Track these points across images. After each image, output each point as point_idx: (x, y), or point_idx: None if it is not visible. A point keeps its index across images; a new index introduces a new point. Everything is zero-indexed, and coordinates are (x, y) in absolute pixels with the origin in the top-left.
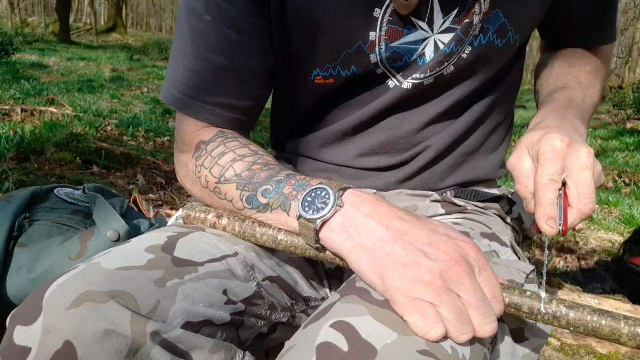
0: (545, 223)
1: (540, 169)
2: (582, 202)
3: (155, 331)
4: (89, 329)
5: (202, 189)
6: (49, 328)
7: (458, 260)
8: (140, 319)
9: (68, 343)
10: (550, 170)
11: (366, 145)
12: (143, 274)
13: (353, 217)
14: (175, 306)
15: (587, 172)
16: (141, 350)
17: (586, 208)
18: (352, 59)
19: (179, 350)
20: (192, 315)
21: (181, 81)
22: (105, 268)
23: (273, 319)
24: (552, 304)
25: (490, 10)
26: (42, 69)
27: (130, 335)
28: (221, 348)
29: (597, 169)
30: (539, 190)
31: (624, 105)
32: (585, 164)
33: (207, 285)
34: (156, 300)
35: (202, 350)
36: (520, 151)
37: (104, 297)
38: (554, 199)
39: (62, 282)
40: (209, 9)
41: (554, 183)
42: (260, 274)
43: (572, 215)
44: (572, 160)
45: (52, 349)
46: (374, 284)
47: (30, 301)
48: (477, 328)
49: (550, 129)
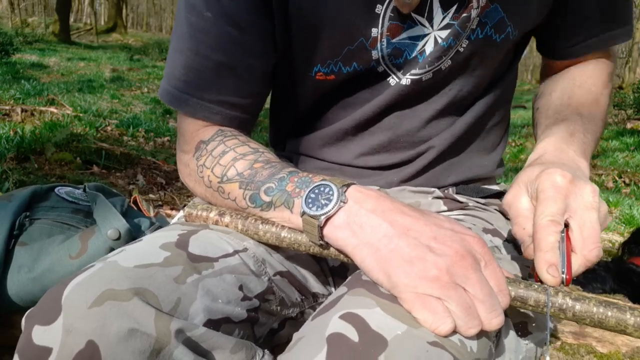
0: (546, 271)
1: (539, 208)
2: (587, 248)
3: (179, 329)
4: (112, 328)
5: (206, 189)
6: (70, 327)
7: (463, 255)
8: (164, 316)
9: (91, 343)
10: (551, 210)
11: (367, 145)
12: (162, 271)
13: (357, 214)
14: (196, 302)
15: (592, 213)
16: (164, 350)
17: (591, 254)
18: (353, 55)
19: (202, 349)
20: (212, 312)
21: (178, 78)
22: (123, 266)
23: (283, 314)
24: (558, 296)
25: (489, 4)
26: (42, 69)
27: (154, 334)
28: (242, 347)
29: (602, 209)
30: (538, 233)
31: (624, 105)
32: (590, 203)
33: (224, 281)
34: (177, 297)
35: (224, 350)
36: (518, 188)
37: (126, 294)
38: (556, 243)
39: (81, 281)
40: (209, 5)
41: (555, 224)
42: (271, 269)
43: (576, 262)
44: (575, 199)
45: (74, 349)
46: (380, 281)
47: (47, 300)
48: (484, 321)
49: (550, 165)
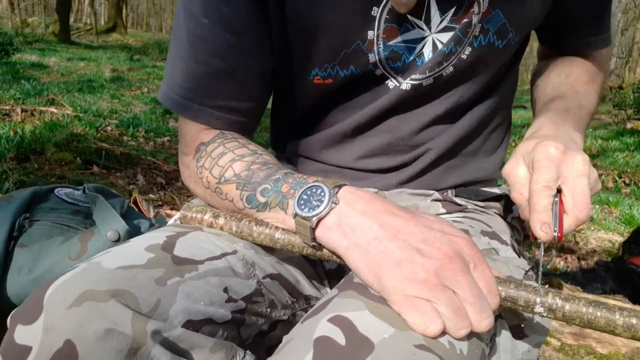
0: (540, 228)
1: (534, 176)
2: (578, 209)
3: (155, 330)
4: (89, 327)
5: (204, 190)
6: (50, 327)
7: (452, 257)
8: (141, 317)
9: (69, 342)
10: (545, 177)
11: (366, 147)
12: (143, 272)
13: (347, 215)
14: (176, 305)
15: (582, 179)
16: (141, 349)
17: (582, 214)
18: (350, 59)
19: (180, 349)
20: (192, 314)
21: (179, 84)
22: (105, 267)
23: (273, 316)
24: (548, 296)
25: (490, 10)
26: (42, 69)
27: (131, 334)
28: (222, 347)
29: (592, 176)
30: (533, 197)
31: (624, 105)
32: (580, 170)
33: (208, 283)
34: (157, 298)
35: (203, 349)
36: (515, 159)
37: (104, 296)
38: (548, 205)
39: (63, 282)
40: (207, 12)
41: (548, 189)
42: (261, 272)
43: (567, 222)
44: (567, 167)
45: (52, 347)
46: (370, 283)
47: (30, 300)
48: (474, 323)
49: (545, 137)
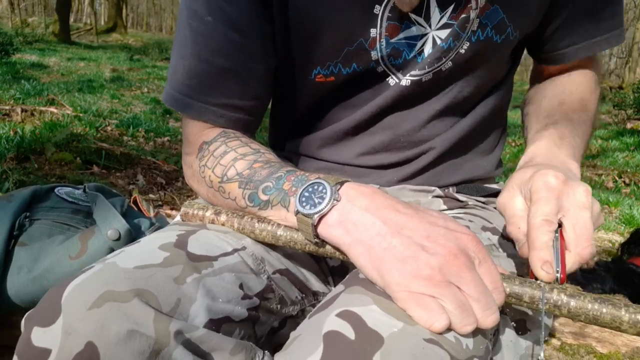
0: (541, 268)
1: (533, 209)
2: (581, 245)
3: (178, 330)
4: (111, 329)
5: (207, 189)
6: (69, 329)
7: (457, 254)
8: (164, 317)
9: (90, 344)
10: (545, 210)
11: (367, 144)
12: (161, 271)
13: (350, 212)
14: (196, 303)
15: (584, 212)
16: (163, 351)
17: (585, 251)
18: (353, 56)
19: (201, 351)
20: (213, 312)
21: (182, 82)
22: (122, 267)
23: (283, 312)
24: (553, 292)
25: (489, 5)
26: (42, 69)
27: (153, 335)
28: (242, 349)
29: (595, 208)
30: (532, 232)
31: (624, 105)
32: (582, 202)
33: (224, 280)
34: (177, 298)
35: (223, 351)
36: (511, 189)
37: (126, 296)
38: (549, 242)
39: (80, 282)
40: (211, 10)
41: (549, 224)
42: (270, 267)
43: (570, 260)
44: (568, 199)
45: (73, 350)
46: (374, 279)
47: (47, 302)
48: (479, 319)
49: (542, 166)
